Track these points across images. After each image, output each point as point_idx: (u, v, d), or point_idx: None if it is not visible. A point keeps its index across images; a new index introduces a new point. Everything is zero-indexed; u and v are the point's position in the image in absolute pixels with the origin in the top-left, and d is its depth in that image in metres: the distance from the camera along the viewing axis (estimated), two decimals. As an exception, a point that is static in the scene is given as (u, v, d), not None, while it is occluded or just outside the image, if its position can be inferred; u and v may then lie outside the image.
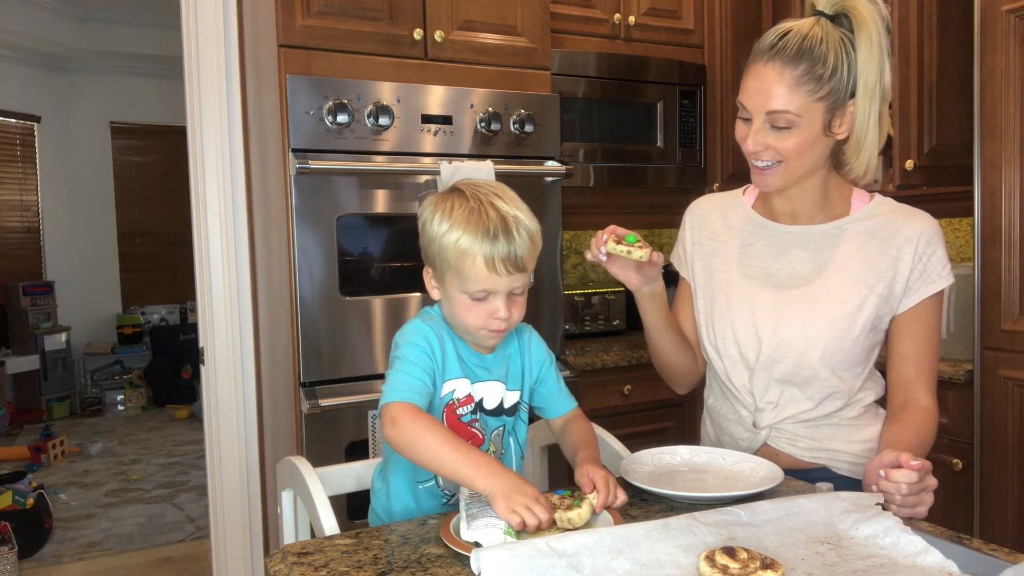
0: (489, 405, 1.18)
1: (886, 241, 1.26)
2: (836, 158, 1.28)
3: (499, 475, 0.98)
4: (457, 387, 1.14)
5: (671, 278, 1.43)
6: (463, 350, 1.16)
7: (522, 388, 1.22)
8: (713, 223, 1.42)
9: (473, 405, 1.16)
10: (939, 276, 1.26)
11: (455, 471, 1.00)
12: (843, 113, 1.20)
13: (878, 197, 1.33)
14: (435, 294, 1.16)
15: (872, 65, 1.16)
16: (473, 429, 1.16)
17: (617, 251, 1.20)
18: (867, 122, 1.20)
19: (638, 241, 1.22)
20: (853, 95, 1.19)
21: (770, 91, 1.18)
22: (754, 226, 1.37)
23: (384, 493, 1.22)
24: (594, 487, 1.04)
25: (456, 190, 1.12)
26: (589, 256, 1.26)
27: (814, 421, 1.29)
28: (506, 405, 1.20)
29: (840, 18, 1.18)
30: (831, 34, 1.17)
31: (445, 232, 1.08)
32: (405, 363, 1.10)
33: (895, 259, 1.25)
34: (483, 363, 1.18)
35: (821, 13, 1.19)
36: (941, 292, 1.27)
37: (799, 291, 1.29)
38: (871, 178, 1.26)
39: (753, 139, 1.21)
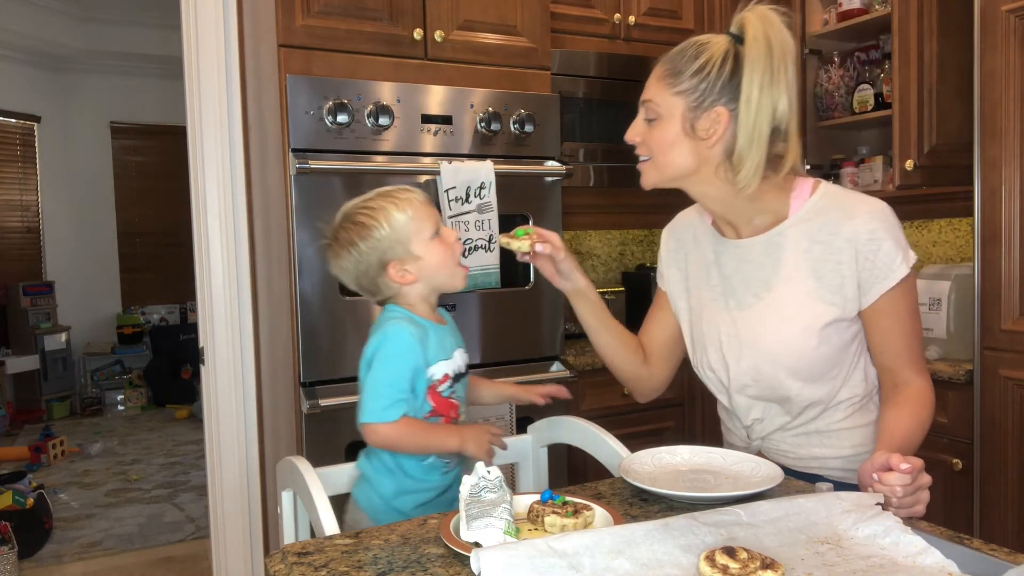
0: (462, 370, 1.35)
1: (827, 245, 1.22)
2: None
3: (456, 431, 1.28)
4: (435, 371, 1.29)
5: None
6: (433, 332, 1.30)
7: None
8: (687, 243, 1.42)
9: (450, 380, 1.31)
10: (891, 270, 1.19)
11: (431, 447, 1.28)
12: (708, 118, 1.18)
13: (821, 188, 1.26)
14: (410, 278, 1.30)
15: (753, 81, 1.15)
16: (453, 400, 1.33)
17: (503, 243, 1.34)
18: (750, 138, 1.16)
19: (527, 235, 1.32)
20: (726, 104, 1.18)
21: (645, 86, 1.26)
22: (715, 242, 1.36)
23: (383, 469, 1.32)
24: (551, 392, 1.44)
25: (364, 207, 1.31)
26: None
27: (800, 429, 1.30)
28: (464, 366, 1.37)
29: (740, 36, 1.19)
30: (717, 44, 1.19)
31: (390, 220, 1.28)
32: (377, 379, 1.25)
33: (838, 263, 1.21)
34: (450, 333, 1.35)
35: (728, 31, 1.22)
36: (904, 279, 1.20)
37: (752, 311, 1.28)
38: (749, 192, 1.21)
39: (631, 128, 1.28)
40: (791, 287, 1.24)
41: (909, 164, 2.34)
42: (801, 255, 1.24)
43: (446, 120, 2.19)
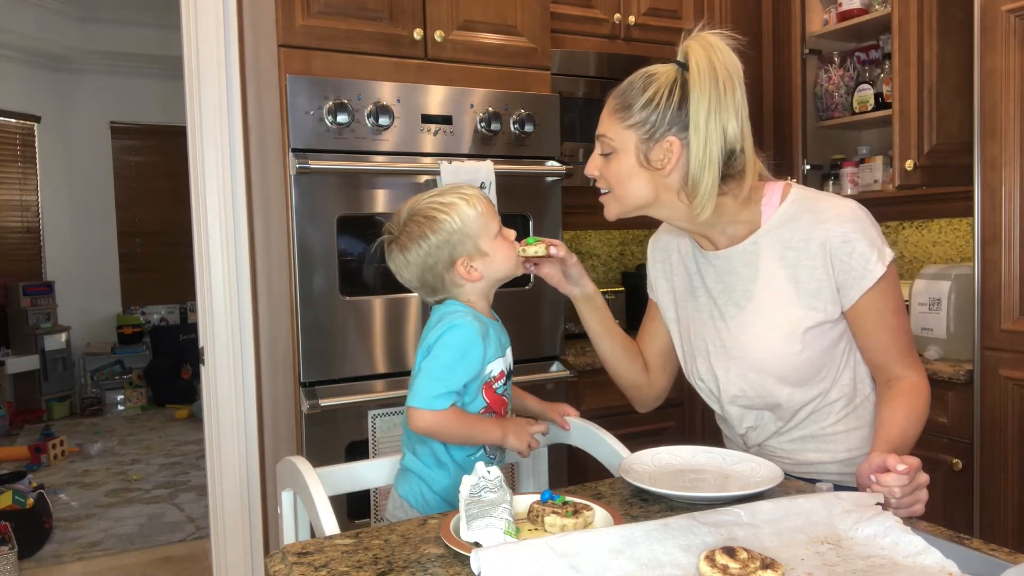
0: (512, 368, 1.37)
1: (801, 251, 1.23)
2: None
3: (499, 424, 1.30)
4: (493, 367, 1.31)
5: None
6: (492, 328, 1.32)
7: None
8: (671, 255, 1.43)
9: (504, 378, 1.34)
10: (867, 271, 1.19)
11: (474, 438, 1.30)
12: (661, 148, 1.19)
13: (791, 193, 1.26)
14: (476, 275, 1.30)
15: (700, 109, 1.15)
16: (504, 398, 1.35)
17: (518, 253, 1.35)
18: (702, 165, 1.16)
19: (537, 241, 1.35)
20: (677, 133, 1.18)
21: (600, 120, 1.27)
22: (696, 255, 1.37)
23: (434, 464, 1.32)
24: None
25: (435, 202, 1.30)
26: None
27: (794, 433, 1.31)
28: (512, 364, 1.38)
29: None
30: (666, 75, 1.20)
31: (461, 215, 1.28)
32: (435, 366, 1.26)
33: (813, 269, 1.22)
34: (502, 331, 1.36)
35: (675, 59, 1.23)
36: (882, 278, 1.19)
37: (735, 321, 1.29)
38: (705, 217, 1.21)
39: (589, 163, 1.30)
40: (771, 295, 1.25)
41: (909, 164, 2.34)
42: (777, 262, 1.25)
43: (446, 120, 2.19)
